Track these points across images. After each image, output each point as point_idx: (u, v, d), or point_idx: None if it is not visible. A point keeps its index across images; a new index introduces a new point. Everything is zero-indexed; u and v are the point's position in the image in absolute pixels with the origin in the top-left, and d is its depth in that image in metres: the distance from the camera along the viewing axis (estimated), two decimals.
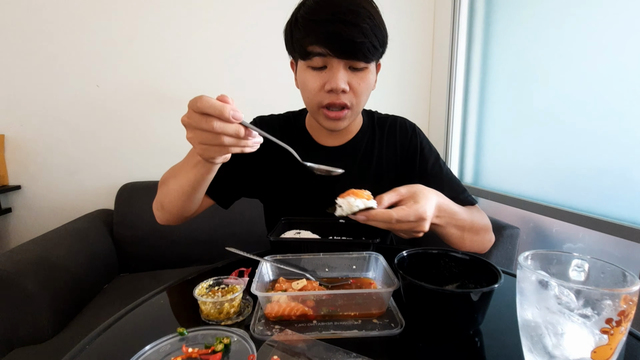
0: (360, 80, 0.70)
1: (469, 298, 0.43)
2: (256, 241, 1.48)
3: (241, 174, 0.84)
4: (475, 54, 1.72)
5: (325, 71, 0.69)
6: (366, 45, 0.65)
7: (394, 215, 0.57)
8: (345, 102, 0.71)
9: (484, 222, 0.77)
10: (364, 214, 0.58)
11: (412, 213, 0.58)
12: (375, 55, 0.69)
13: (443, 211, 0.65)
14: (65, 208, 1.65)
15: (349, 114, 0.74)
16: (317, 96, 0.71)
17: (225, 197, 0.84)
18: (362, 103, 0.74)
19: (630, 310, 0.30)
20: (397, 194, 0.62)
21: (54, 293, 1.06)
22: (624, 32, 1.05)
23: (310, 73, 0.70)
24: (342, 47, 0.65)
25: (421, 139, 0.88)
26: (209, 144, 0.49)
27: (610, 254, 1.13)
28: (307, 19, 0.66)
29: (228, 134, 0.48)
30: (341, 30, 0.63)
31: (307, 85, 0.72)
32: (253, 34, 1.73)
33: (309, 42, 0.66)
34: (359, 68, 0.69)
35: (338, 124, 0.75)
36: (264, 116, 0.91)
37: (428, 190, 0.64)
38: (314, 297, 0.48)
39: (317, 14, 0.65)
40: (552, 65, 1.30)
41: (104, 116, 1.65)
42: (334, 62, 0.67)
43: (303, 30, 0.67)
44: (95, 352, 0.43)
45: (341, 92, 0.69)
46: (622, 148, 1.06)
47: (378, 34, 0.66)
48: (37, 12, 1.53)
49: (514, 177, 1.52)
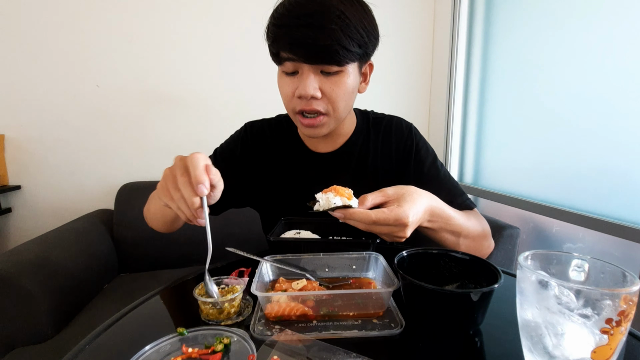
0: (333, 85, 0.67)
1: (468, 298, 0.44)
2: (256, 241, 1.48)
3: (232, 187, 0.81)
4: (475, 54, 1.73)
5: (297, 76, 0.67)
6: (334, 48, 0.61)
7: (372, 216, 0.55)
8: (317, 108, 0.68)
9: (481, 228, 0.74)
10: (341, 212, 0.57)
11: (392, 217, 0.55)
12: (349, 58, 0.64)
13: (436, 215, 0.63)
14: (65, 208, 1.65)
15: (326, 120, 0.71)
16: (290, 102, 0.70)
17: (214, 207, 0.80)
18: (340, 109, 0.70)
19: (630, 310, 0.30)
20: (383, 194, 0.60)
21: (54, 293, 1.06)
22: (623, 32, 1.05)
23: (284, 79, 0.69)
24: (308, 52, 0.63)
25: (418, 139, 0.85)
26: (169, 199, 0.52)
27: (610, 254, 1.13)
28: (274, 25, 0.65)
29: (186, 198, 0.49)
30: (305, 35, 0.61)
31: (282, 91, 0.71)
32: (253, 34, 1.72)
33: (277, 48, 0.65)
34: (331, 72, 0.66)
35: (315, 131, 0.72)
36: (254, 122, 0.89)
37: (418, 193, 0.61)
38: (314, 297, 0.48)
39: (283, 19, 0.63)
40: (552, 65, 1.30)
41: (104, 116, 1.65)
42: (304, 67, 0.65)
43: (272, 37, 0.66)
44: (95, 352, 0.43)
45: (311, 98, 0.67)
46: (622, 148, 1.06)
47: (353, 34, 0.63)
48: (37, 12, 1.53)
49: (514, 177, 1.52)
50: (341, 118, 0.74)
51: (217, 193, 0.52)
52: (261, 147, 0.85)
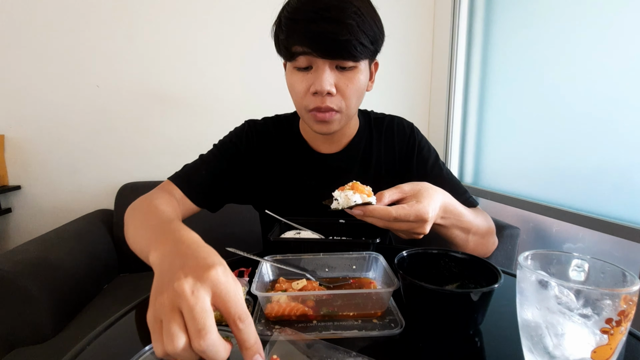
0: (348, 81, 0.66)
1: (469, 298, 0.43)
2: (256, 241, 1.48)
3: (234, 184, 0.82)
4: (475, 54, 1.73)
5: (311, 72, 0.66)
6: (352, 43, 0.61)
7: (392, 212, 0.55)
8: (331, 106, 0.67)
9: (488, 225, 0.74)
10: (360, 209, 0.56)
11: (413, 213, 0.55)
12: (365, 54, 0.64)
13: (449, 212, 0.62)
14: (65, 208, 1.65)
15: (339, 117, 0.70)
16: (303, 99, 0.68)
17: (213, 203, 0.81)
18: (352, 106, 0.70)
19: (630, 310, 0.30)
20: (400, 191, 0.59)
21: (54, 293, 1.06)
22: (623, 32, 1.05)
23: (296, 75, 0.68)
24: (326, 46, 0.62)
25: (419, 138, 0.85)
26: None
27: (610, 254, 1.13)
28: (290, 19, 0.63)
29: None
30: (324, 29, 0.60)
31: (294, 88, 0.69)
32: (253, 34, 1.73)
33: (292, 43, 0.63)
34: (346, 67, 0.65)
35: (327, 127, 0.71)
36: (256, 121, 0.87)
37: (434, 189, 0.61)
38: (314, 297, 0.48)
39: (299, 12, 0.62)
40: (552, 65, 1.30)
41: (104, 116, 1.65)
42: (319, 62, 0.64)
43: (286, 31, 0.64)
44: (95, 352, 0.43)
45: (327, 94, 0.66)
46: (622, 148, 1.06)
47: (368, 30, 0.63)
48: (37, 12, 1.53)
49: (514, 177, 1.52)
50: (351, 116, 0.74)
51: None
52: (266, 145, 0.84)
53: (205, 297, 0.31)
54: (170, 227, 0.45)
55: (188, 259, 0.36)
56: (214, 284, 0.32)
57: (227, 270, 0.34)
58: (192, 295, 0.30)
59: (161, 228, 0.47)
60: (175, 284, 0.31)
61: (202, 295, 0.31)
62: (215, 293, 0.32)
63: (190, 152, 0.90)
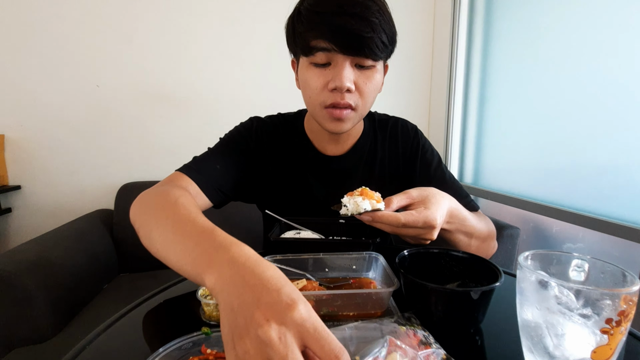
0: (367, 80, 0.65)
1: (469, 296, 0.44)
2: (256, 241, 1.48)
3: (242, 180, 0.80)
4: (475, 54, 1.73)
5: (329, 68, 0.64)
6: (375, 40, 0.60)
7: (401, 219, 0.55)
8: (349, 102, 0.65)
9: (489, 229, 0.74)
10: (369, 215, 0.56)
11: (421, 219, 0.55)
12: (384, 53, 0.64)
13: (454, 217, 0.62)
14: (65, 208, 1.65)
15: (353, 115, 0.69)
16: (320, 95, 0.66)
17: (223, 199, 0.79)
18: (367, 105, 0.69)
19: (630, 310, 0.30)
20: (408, 196, 0.59)
21: (54, 293, 1.06)
22: (623, 31, 1.05)
23: (312, 70, 0.65)
24: (349, 42, 0.60)
25: (423, 141, 0.85)
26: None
27: (610, 254, 1.13)
28: (312, 11, 0.61)
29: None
30: (348, 24, 0.58)
31: (309, 84, 0.66)
32: (254, 34, 1.73)
33: (312, 36, 0.61)
34: (365, 66, 0.64)
35: (341, 126, 0.69)
36: (262, 118, 0.85)
37: (441, 194, 0.61)
38: (314, 297, 0.48)
39: (323, 5, 0.60)
40: (552, 65, 1.30)
41: (103, 116, 1.65)
42: (339, 58, 0.62)
43: (306, 24, 0.62)
44: (95, 352, 0.43)
45: (346, 91, 0.64)
46: (622, 148, 1.06)
47: (387, 30, 0.62)
48: (37, 12, 1.53)
49: (514, 177, 1.52)
50: (363, 115, 0.73)
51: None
52: (273, 144, 0.82)
53: (294, 343, 0.29)
54: (217, 241, 0.40)
55: (261, 293, 0.32)
56: (300, 324, 0.29)
57: (307, 305, 0.31)
58: (280, 343, 0.28)
59: (205, 240, 0.41)
60: (259, 331, 0.29)
61: (290, 343, 0.29)
62: (304, 334, 0.29)
63: (190, 152, 0.90)
